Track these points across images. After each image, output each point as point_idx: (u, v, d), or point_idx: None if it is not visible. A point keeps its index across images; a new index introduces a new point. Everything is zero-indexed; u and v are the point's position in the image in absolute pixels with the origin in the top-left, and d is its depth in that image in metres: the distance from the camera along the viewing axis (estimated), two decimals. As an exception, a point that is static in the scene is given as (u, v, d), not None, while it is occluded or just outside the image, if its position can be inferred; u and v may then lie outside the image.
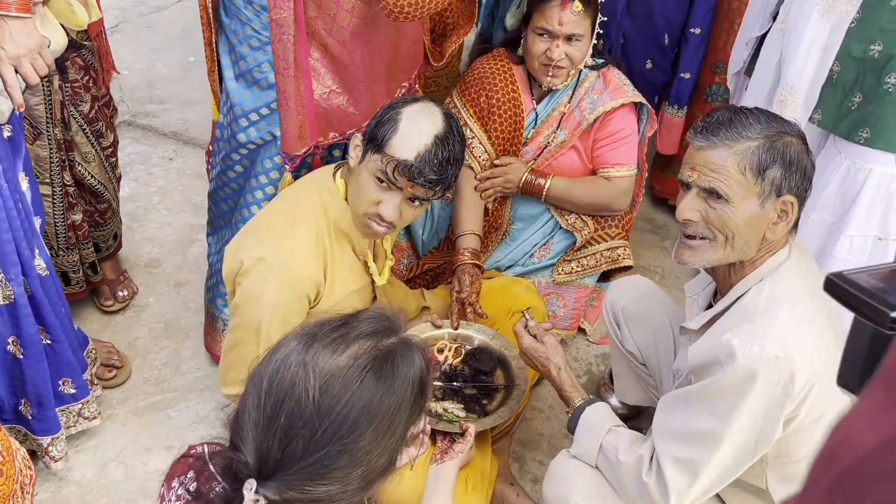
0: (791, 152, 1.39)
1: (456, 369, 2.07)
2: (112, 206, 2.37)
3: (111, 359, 2.29)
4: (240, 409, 1.04)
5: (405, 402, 1.05)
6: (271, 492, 0.97)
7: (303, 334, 1.06)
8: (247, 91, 1.87)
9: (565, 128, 2.35)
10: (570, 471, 1.63)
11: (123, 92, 3.64)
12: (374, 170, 1.63)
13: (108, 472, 2.06)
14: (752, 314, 1.38)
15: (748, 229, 1.41)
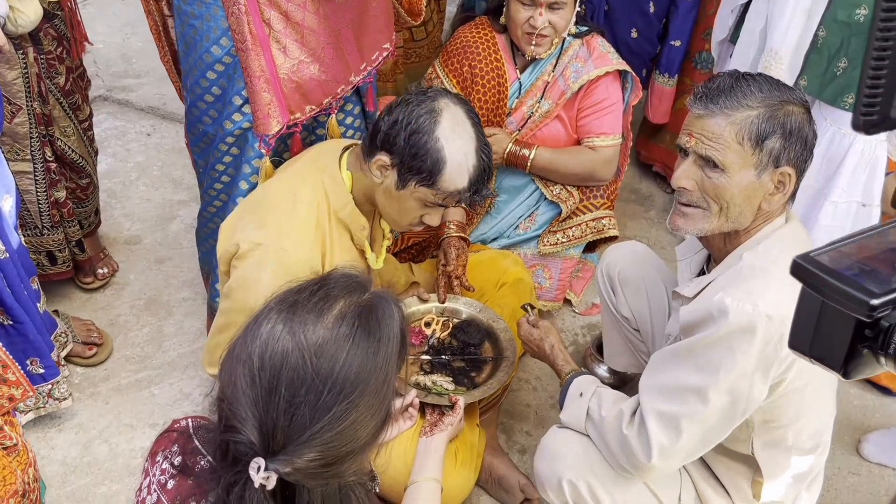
0: (792, 122, 1.35)
1: (444, 343, 2.06)
2: (93, 181, 2.33)
3: (91, 336, 2.25)
4: (229, 391, 1.01)
5: (393, 350, 1.05)
6: (282, 465, 0.96)
7: (282, 305, 1.05)
8: (223, 80, 1.81)
9: (549, 97, 2.32)
10: (561, 446, 1.62)
11: (98, 66, 3.56)
12: (425, 199, 1.63)
13: (91, 451, 2.03)
14: (745, 275, 1.37)
15: (743, 199, 1.39)
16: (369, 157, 1.64)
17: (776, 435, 1.49)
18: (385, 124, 1.61)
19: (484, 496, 2.01)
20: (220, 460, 1.02)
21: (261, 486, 0.95)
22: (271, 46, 1.76)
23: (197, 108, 1.91)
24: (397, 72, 2.94)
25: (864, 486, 2.13)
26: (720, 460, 1.60)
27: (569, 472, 1.57)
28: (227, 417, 1.00)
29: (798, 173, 1.39)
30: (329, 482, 1.01)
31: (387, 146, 1.60)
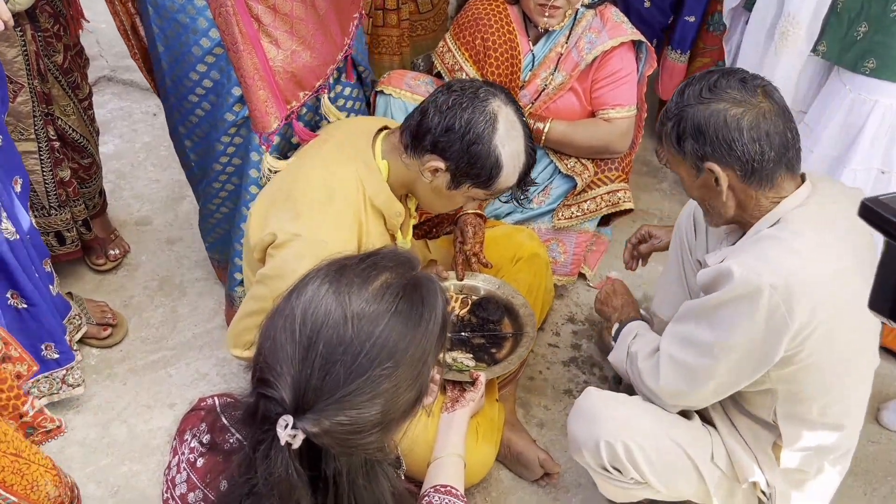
0: (698, 119, 1.40)
1: (463, 320, 2.05)
2: (96, 161, 2.30)
3: (105, 317, 2.24)
4: (268, 346, 1.00)
5: (433, 332, 1.04)
6: (309, 424, 0.95)
7: (330, 268, 1.05)
8: (215, 71, 1.78)
9: (563, 69, 2.28)
10: (598, 408, 1.64)
11: (101, 46, 3.51)
12: (476, 196, 1.71)
13: (110, 432, 2.03)
14: (758, 244, 1.42)
15: (705, 196, 1.49)
16: (415, 156, 1.64)
17: (800, 408, 1.49)
18: (436, 128, 1.60)
19: (503, 471, 2.01)
20: (249, 419, 1.01)
21: (287, 445, 0.94)
22: (262, 41, 1.73)
23: (188, 101, 1.88)
24: (403, 45, 2.90)
25: (884, 454, 2.12)
26: (745, 423, 1.60)
27: (606, 433, 1.59)
28: (262, 370, 0.99)
29: (726, 166, 1.41)
30: (355, 452, 1.00)
31: (439, 151, 1.61)
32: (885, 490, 2.03)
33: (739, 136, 1.38)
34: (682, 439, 1.60)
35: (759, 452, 1.58)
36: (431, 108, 1.64)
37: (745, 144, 1.38)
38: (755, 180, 1.42)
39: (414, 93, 2.30)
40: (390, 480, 1.09)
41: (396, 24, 2.73)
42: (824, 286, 1.36)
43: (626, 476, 1.60)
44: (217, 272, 2.38)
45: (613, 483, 1.64)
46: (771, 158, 1.40)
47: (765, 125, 1.38)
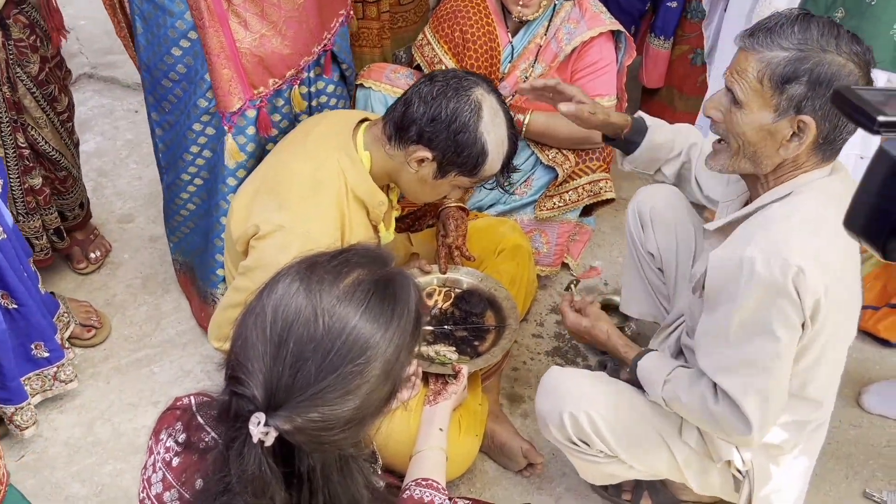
0: (824, 71, 1.28)
1: (446, 313, 2.06)
2: (72, 174, 2.25)
3: (89, 318, 2.24)
4: (240, 344, 1.01)
5: (405, 328, 1.04)
6: (281, 421, 0.95)
7: (301, 265, 1.05)
8: (189, 57, 1.78)
9: (542, 60, 2.28)
10: (560, 382, 1.66)
11: (82, 43, 3.49)
12: (461, 184, 1.73)
13: (94, 431, 2.03)
14: (775, 226, 1.36)
15: (758, 140, 1.37)
16: (400, 147, 1.66)
17: (802, 409, 1.50)
18: (422, 118, 1.61)
19: (488, 462, 2.02)
20: (223, 417, 1.01)
21: (259, 442, 0.94)
22: (230, 21, 1.73)
23: (161, 86, 1.89)
24: (384, 37, 2.88)
25: (866, 437, 2.14)
26: None
27: (568, 405, 1.61)
28: (234, 368, 1.00)
29: (822, 127, 1.32)
30: (328, 448, 1.00)
31: (425, 141, 1.62)
32: (866, 473, 2.05)
33: None
34: (648, 412, 1.62)
35: None
36: (415, 98, 1.65)
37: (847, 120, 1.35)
38: (822, 152, 1.37)
39: (394, 85, 2.30)
40: (365, 475, 1.09)
41: (377, 17, 2.72)
42: (834, 271, 1.35)
43: (594, 448, 1.61)
44: (178, 277, 2.36)
45: (584, 458, 1.65)
46: (847, 139, 1.37)
47: None
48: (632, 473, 1.67)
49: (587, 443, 1.60)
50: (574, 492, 1.98)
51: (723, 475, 1.64)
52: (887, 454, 2.10)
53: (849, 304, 1.44)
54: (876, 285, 2.45)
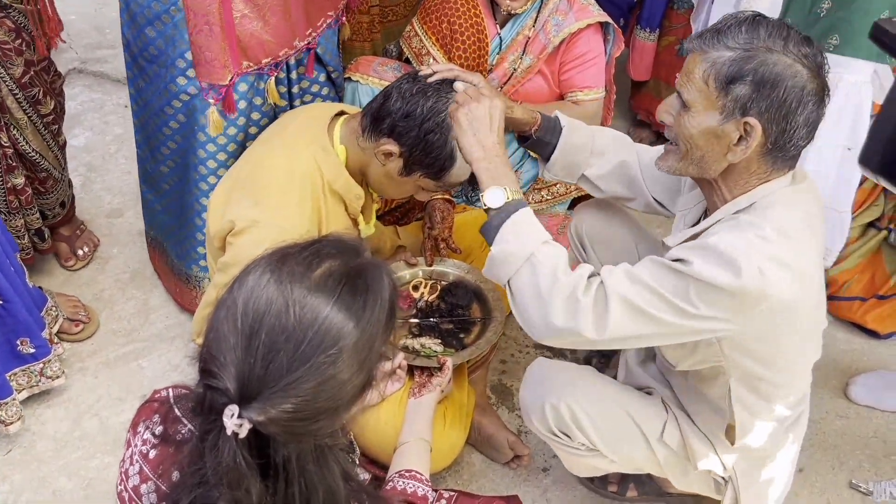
0: (770, 72, 1.25)
1: (432, 305, 2.06)
2: (53, 175, 2.24)
3: (77, 313, 2.24)
4: (212, 337, 1.01)
5: (379, 318, 1.04)
6: (255, 413, 0.95)
7: (272, 257, 1.05)
8: (167, 35, 1.77)
9: (531, 52, 2.28)
10: (544, 373, 1.65)
11: (72, 38, 3.47)
12: (426, 186, 1.69)
13: (82, 425, 2.03)
14: (735, 228, 1.33)
15: (704, 143, 1.34)
16: (371, 139, 1.64)
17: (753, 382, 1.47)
18: (397, 113, 1.60)
19: (475, 454, 2.03)
20: (198, 409, 1.01)
21: (233, 434, 0.94)
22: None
23: (138, 64, 1.89)
24: (374, 31, 2.88)
25: (852, 428, 2.15)
26: (698, 407, 1.60)
27: (551, 396, 1.59)
28: (206, 361, 1.00)
29: (768, 130, 1.29)
30: (303, 439, 1.00)
31: (396, 135, 1.61)
32: (853, 464, 2.06)
33: (801, 112, 1.27)
34: (632, 409, 1.61)
35: (713, 438, 1.58)
36: (395, 93, 1.64)
37: (798, 123, 1.28)
38: (772, 158, 1.33)
39: (381, 78, 2.29)
40: (342, 465, 1.09)
41: (366, 10, 2.72)
42: (798, 274, 1.31)
43: (575, 441, 1.61)
44: (149, 250, 2.38)
45: (567, 451, 1.65)
46: (802, 146, 1.33)
47: (820, 111, 1.31)
48: (615, 467, 1.67)
49: (569, 435, 1.60)
50: (561, 483, 1.98)
51: (703, 478, 1.64)
52: (874, 445, 2.11)
53: (813, 308, 1.41)
54: (864, 277, 2.46)
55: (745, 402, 1.48)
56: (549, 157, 1.74)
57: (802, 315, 1.35)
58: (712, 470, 1.60)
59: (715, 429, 1.57)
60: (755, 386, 1.45)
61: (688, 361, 1.47)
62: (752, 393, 1.47)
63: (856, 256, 2.49)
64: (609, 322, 1.31)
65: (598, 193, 1.81)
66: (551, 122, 1.73)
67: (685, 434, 1.59)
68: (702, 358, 1.44)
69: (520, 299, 1.39)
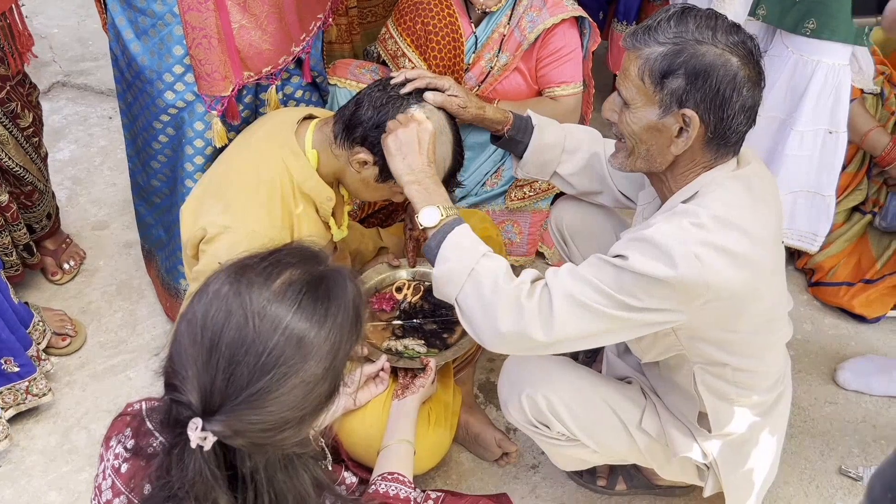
0: (700, 63, 1.27)
1: (415, 306, 2.05)
2: (38, 188, 2.25)
3: (64, 327, 2.24)
4: (174, 351, 1.01)
5: (342, 325, 1.04)
6: (219, 426, 0.96)
7: (232, 268, 1.05)
8: (153, 50, 1.77)
9: (506, 50, 2.27)
10: (520, 366, 1.66)
11: (55, 52, 3.49)
12: (401, 190, 1.62)
13: (70, 439, 2.04)
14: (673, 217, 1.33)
15: (648, 138, 1.36)
16: (346, 147, 1.65)
17: (715, 369, 1.47)
18: (368, 123, 1.61)
19: (463, 453, 2.03)
20: (165, 423, 1.02)
21: (198, 447, 0.94)
22: (227, 3, 1.71)
23: (125, 79, 1.88)
24: (354, 33, 2.88)
25: (841, 413, 2.15)
26: (672, 397, 1.61)
27: (527, 387, 1.60)
28: (169, 375, 1.00)
29: (706, 120, 1.30)
30: (269, 450, 1.00)
31: (368, 145, 1.62)
32: (842, 450, 2.06)
33: (737, 98, 1.28)
34: (609, 397, 1.62)
35: (690, 425, 1.59)
36: (366, 101, 1.65)
37: (735, 110, 1.30)
38: (715, 146, 1.34)
39: (359, 82, 2.29)
40: (312, 472, 1.09)
41: (344, 13, 2.71)
42: (746, 269, 1.31)
43: (553, 431, 1.61)
44: (144, 259, 2.38)
45: (548, 442, 1.66)
46: (743, 132, 1.35)
47: (756, 95, 1.32)
48: (598, 458, 1.68)
49: (547, 425, 1.60)
50: (550, 479, 1.98)
51: (686, 466, 1.65)
52: (863, 430, 2.10)
53: (765, 290, 1.39)
54: (850, 262, 2.46)
55: (712, 388, 1.48)
56: (521, 156, 1.75)
57: (753, 298, 1.35)
58: (693, 457, 1.60)
59: (689, 415, 1.57)
60: (720, 372, 1.46)
61: (651, 353, 1.47)
62: (719, 379, 1.47)
63: (841, 241, 2.48)
64: (555, 322, 1.33)
65: (570, 190, 1.83)
66: (523, 122, 1.74)
67: (663, 421, 1.60)
68: (663, 349, 1.45)
69: (468, 313, 1.42)
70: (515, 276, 1.42)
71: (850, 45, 2.11)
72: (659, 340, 1.42)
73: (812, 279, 2.52)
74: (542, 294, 1.36)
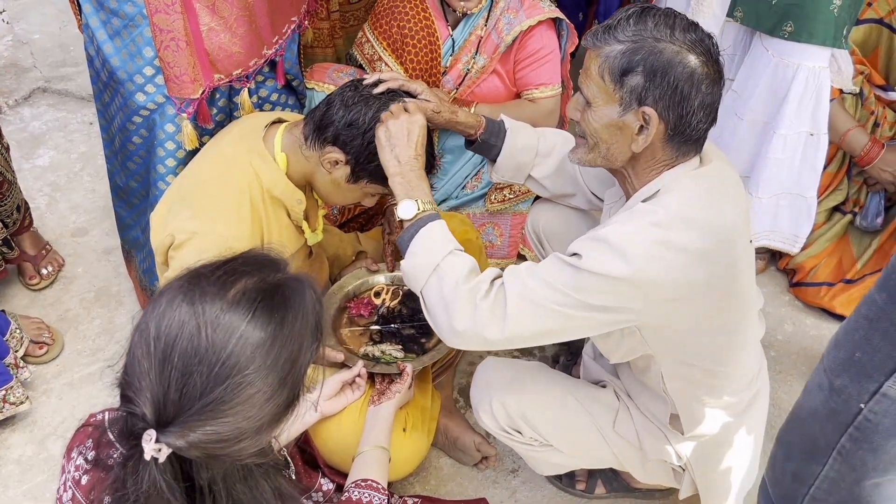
0: (658, 61, 1.28)
1: (394, 311, 2.04)
2: (7, 178, 2.24)
3: (41, 335, 2.23)
4: (128, 362, 1.00)
5: (300, 333, 1.03)
6: (173, 437, 0.94)
7: (185, 277, 1.04)
8: (125, 51, 1.76)
9: (484, 52, 2.26)
10: (491, 372, 1.67)
11: (36, 57, 3.47)
12: (374, 191, 1.69)
13: (47, 448, 2.02)
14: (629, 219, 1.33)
15: (608, 136, 1.37)
16: (316, 148, 1.64)
17: (682, 370, 1.47)
18: (340, 122, 1.61)
19: (443, 458, 2.02)
20: (122, 435, 1.01)
21: (153, 459, 0.93)
22: (194, 5, 1.70)
23: (101, 79, 1.87)
24: (336, 37, 2.87)
25: (822, 415, 2.14)
26: (644, 399, 1.60)
27: (498, 393, 1.61)
28: (123, 387, 0.99)
29: (665, 117, 1.31)
30: (225, 461, 0.99)
31: (340, 144, 1.61)
32: (822, 450, 2.05)
33: (696, 95, 1.29)
34: (582, 401, 1.61)
35: (662, 427, 1.58)
36: (338, 101, 1.64)
37: (694, 107, 1.30)
38: (676, 143, 1.35)
39: (336, 85, 2.25)
40: (273, 482, 1.08)
41: (326, 17, 2.70)
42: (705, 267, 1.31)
43: (526, 436, 1.61)
44: (125, 258, 2.37)
45: (522, 447, 1.66)
46: (704, 129, 1.36)
47: (716, 93, 1.33)
48: (574, 462, 1.67)
49: (519, 431, 1.60)
50: (529, 484, 1.97)
51: (662, 468, 1.64)
52: (843, 430, 2.09)
53: (728, 287, 1.38)
54: (831, 262, 2.46)
55: (681, 389, 1.48)
56: (496, 160, 1.75)
57: (714, 296, 1.35)
58: (667, 459, 1.59)
59: (661, 417, 1.57)
60: (688, 373, 1.46)
61: (618, 353, 1.47)
62: (687, 380, 1.47)
63: (822, 241, 2.48)
64: (508, 321, 1.34)
65: (545, 193, 1.83)
66: (496, 125, 1.74)
67: (637, 424, 1.60)
68: (629, 349, 1.44)
69: (430, 308, 1.44)
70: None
71: (828, 48, 2.11)
72: (625, 340, 1.42)
73: (793, 280, 2.52)
74: (497, 293, 1.37)
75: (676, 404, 1.50)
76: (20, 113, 3.18)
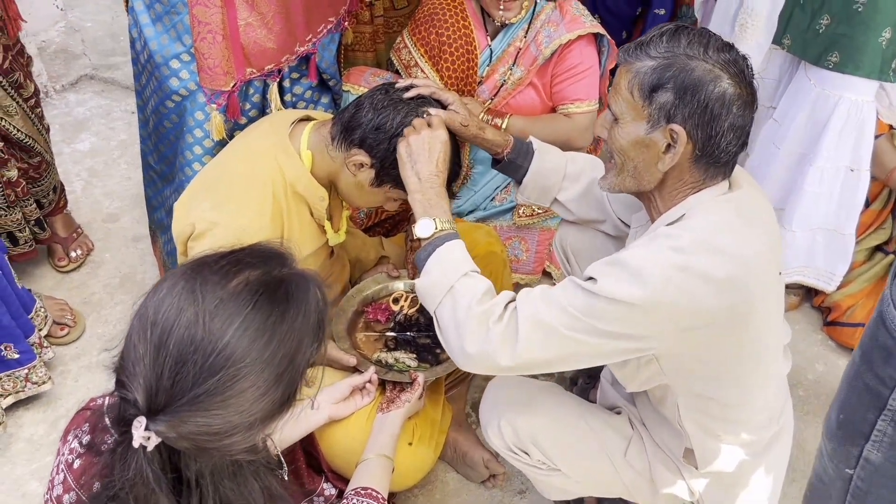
0: (689, 78, 1.24)
1: (411, 319, 2.02)
2: (45, 159, 2.29)
3: (64, 317, 2.26)
4: (125, 346, 0.99)
5: (300, 330, 1.01)
6: (163, 426, 0.93)
7: (189, 265, 1.03)
8: (165, 36, 1.79)
9: (522, 64, 2.24)
10: (501, 391, 1.64)
11: (86, 45, 3.55)
12: (397, 197, 1.67)
13: (58, 429, 2.03)
14: (650, 243, 1.29)
15: (635, 154, 1.33)
16: (342, 149, 1.64)
17: (699, 403, 1.42)
18: (367, 124, 1.60)
19: (450, 473, 1.99)
20: (115, 421, 1.00)
21: (141, 447, 0.92)
22: (235, 4, 1.71)
23: (139, 62, 1.90)
24: (378, 41, 2.87)
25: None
26: (659, 431, 1.55)
27: (507, 412, 1.57)
28: (118, 371, 0.98)
29: (694, 136, 1.27)
30: (215, 455, 0.97)
31: (366, 147, 1.60)
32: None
33: (726, 116, 1.26)
34: (594, 427, 1.57)
35: (677, 461, 1.52)
36: (367, 103, 1.63)
37: (724, 128, 1.27)
38: (704, 165, 1.31)
39: (372, 89, 2.27)
40: (263, 482, 1.06)
41: (369, 21, 2.70)
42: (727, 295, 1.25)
43: (533, 458, 1.57)
44: (151, 238, 2.39)
45: (529, 469, 1.61)
46: (733, 152, 1.32)
47: (747, 115, 1.29)
48: (581, 487, 1.62)
49: (527, 452, 1.56)
50: (536, 506, 1.93)
51: (673, 501, 1.58)
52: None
53: (751, 318, 1.32)
54: (868, 302, 2.37)
55: (698, 422, 1.42)
56: (521, 181, 1.72)
57: (736, 327, 1.29)
58: (678, 494, 1.53)
59: (675, 450, 1.51)
60: (705, 406, 1.40)
61: (635, 382, 1.42)
62: (704, 413, 1.41)
63: (861, 281, 2.39)
64: (519, 346, 1.30)
65: (570, 217, 1.80)
66: (524, 146, 1.72)
67: (650, 455, 1.54)
68: (646, 378, 1.39)
69: (444, 328, 1.41)
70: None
71: (875, 80, 2.04)
72: (642, 369, 1.37)
73: (828, 318, 2.43)
74: (510, 317, 1.33)
75: (692, 438, 1.44)
76: (66, 98, 3.25)
